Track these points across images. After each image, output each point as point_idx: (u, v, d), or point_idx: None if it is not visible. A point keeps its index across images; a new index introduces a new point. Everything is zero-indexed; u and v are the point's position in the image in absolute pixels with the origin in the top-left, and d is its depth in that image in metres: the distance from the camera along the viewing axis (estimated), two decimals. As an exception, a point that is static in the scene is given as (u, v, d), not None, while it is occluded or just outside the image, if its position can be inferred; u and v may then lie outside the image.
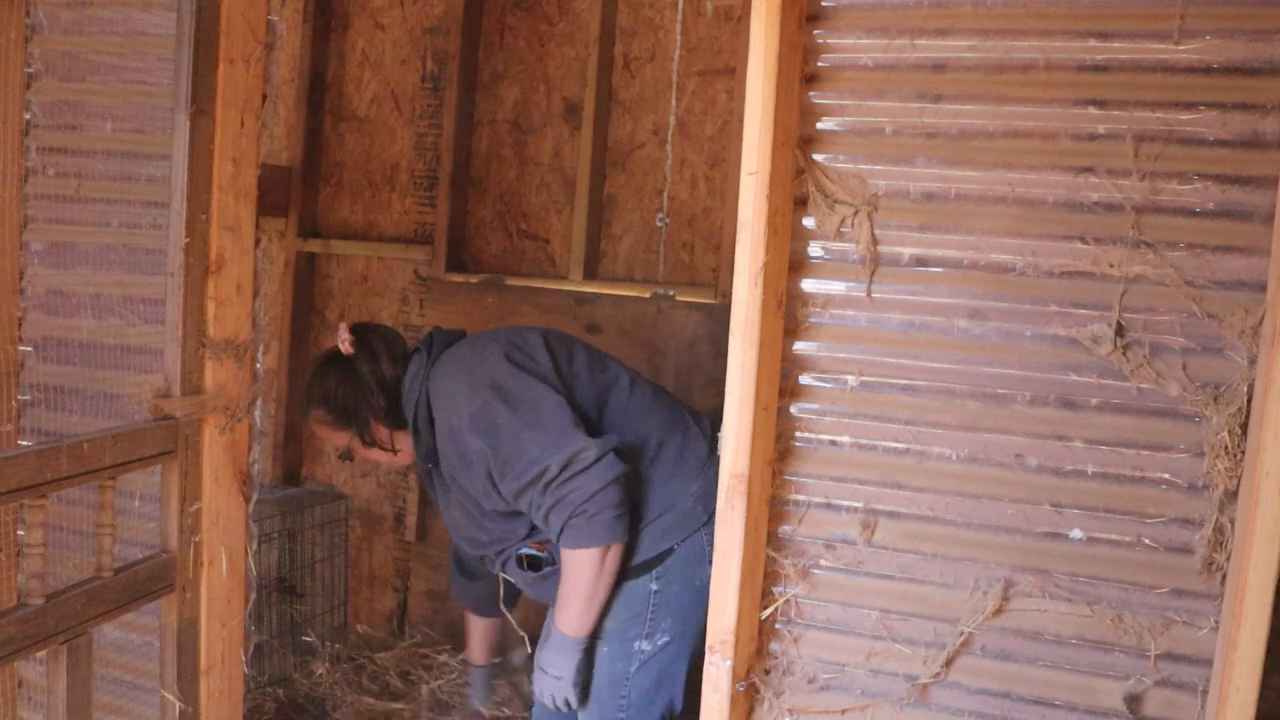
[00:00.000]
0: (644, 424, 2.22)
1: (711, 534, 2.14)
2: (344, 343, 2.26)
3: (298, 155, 3.68)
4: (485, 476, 2.13)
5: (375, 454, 2.33)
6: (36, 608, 1.66)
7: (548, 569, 2.22)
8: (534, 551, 2.22)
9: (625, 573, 2.15)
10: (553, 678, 2.15)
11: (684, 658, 2.14)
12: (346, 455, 2.35)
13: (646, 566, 2.15)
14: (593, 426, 2.17)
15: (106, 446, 1.76)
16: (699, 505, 2.16)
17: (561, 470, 2.02)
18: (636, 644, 2.13)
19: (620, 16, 3.31)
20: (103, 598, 1.78)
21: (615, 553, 2.08)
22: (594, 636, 2.18)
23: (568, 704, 2.16)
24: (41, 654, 1.72)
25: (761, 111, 1.56)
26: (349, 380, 2.25)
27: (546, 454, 2.04)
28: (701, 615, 2.12)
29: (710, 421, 2.32)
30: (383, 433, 2.28)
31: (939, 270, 1.60)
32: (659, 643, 2.13)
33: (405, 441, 2.29)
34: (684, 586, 2.14)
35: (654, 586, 2.14)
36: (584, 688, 2.20)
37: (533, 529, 2.19)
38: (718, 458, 2.19)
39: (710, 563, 2.13)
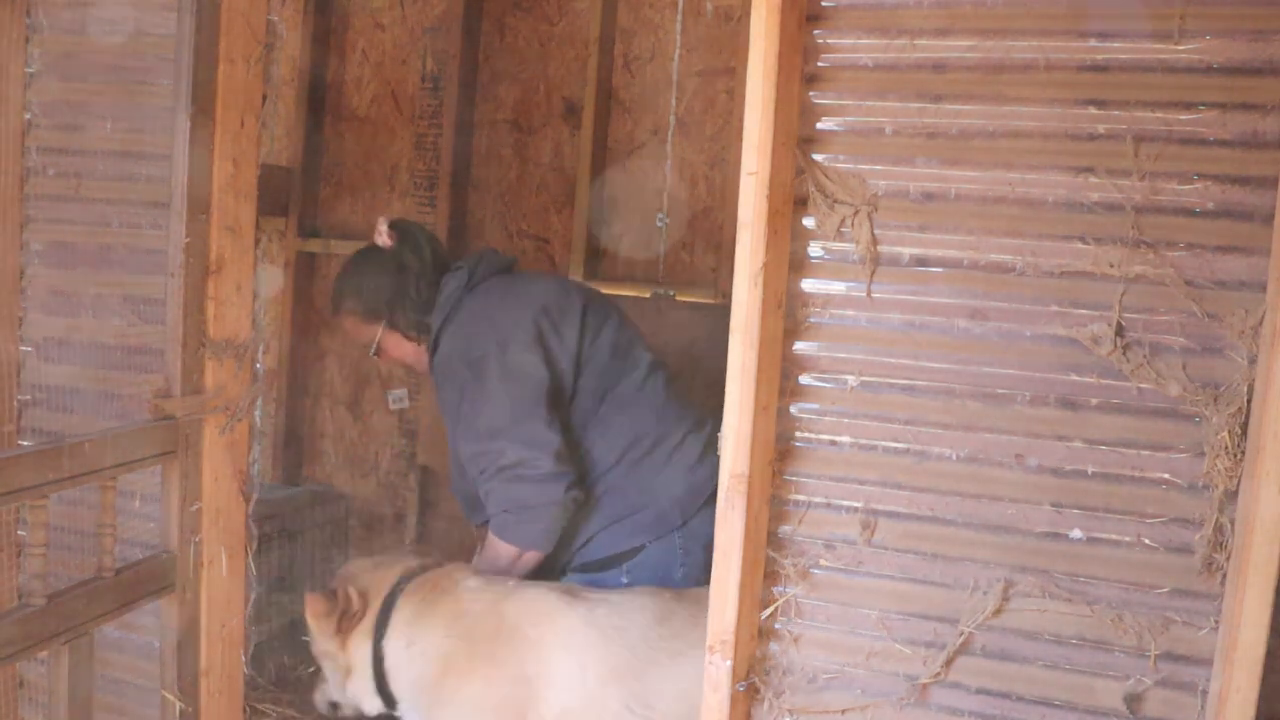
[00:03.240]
0: (644, 417, 2.24)
1: (685, 538, 2.17)
2: (381, 235, 2.28)
3: (298, 155, 3.67)
4: (452, 416, 2.19)
5: (402, 348, 2.34)
6: (38, 608, 1.66)
7: None
8: None
9: (596, 565, 2.19)
10: None
11: None
12: (376, 351, 2.37)
13: (618, 559, 2.19)
14: (582, 420, 2.20)
15: (107, 446, 1.76)
16: (676, 509, 2.17)
17: (515, 464, 2.07)
18: None
19: (620, 16, 3.31)
20: (103, 598, 1.78)
21: (531, 557, 2.16)
22: None
23: None
24: (43, 654, 1.72)
25: (761, 111, 1.56)
26: (386, 271, 2.28)
27: (509, 435, 2.08)
28: None
29: (713, 423, 2.33)
30: (411, 329, 2.30)
31: (939, 270, 1.60)
32: None
33: (425, 349, 2.32)
34: (650, 586, 2.16)
35: (625, 580, 2.17)
36: None
37: None
38: (710, 462, 2.21)
39: (683, 565, 2.16)
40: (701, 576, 2.16)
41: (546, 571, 2.27)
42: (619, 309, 2.42)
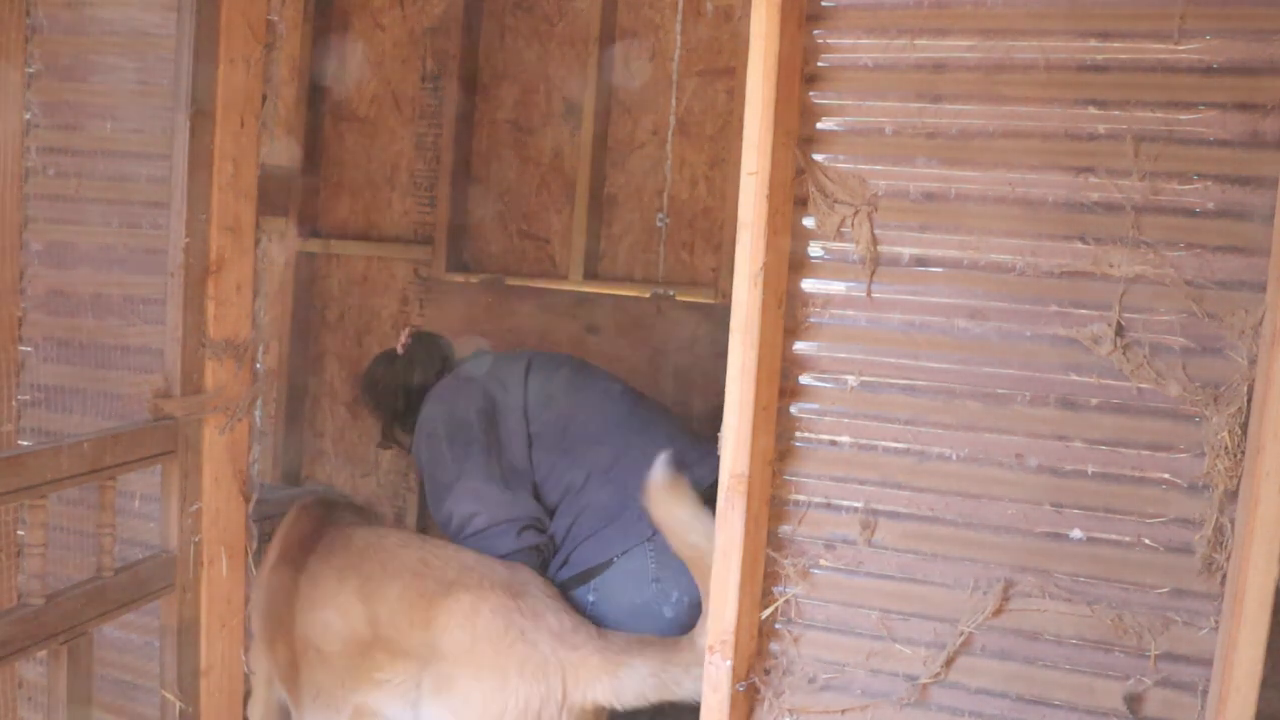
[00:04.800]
0: (608, 436, 2.29)
1: (656, 552, 2.14)
2: (401, 345, 2.55)
3: (298, 155, 3.67)
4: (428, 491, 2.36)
5: (396, 447, 2.64)
6: (37, 608, 1.66)
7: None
8: None
9: (573, 581, 2.18)
10: None
11: None
12: (386, 444, 2.65)
13: (585, 577, 2.18)
14: (530, 475, 2.31)
15: (106, 446, 1.76)
16: (643, 520, 2.16)
17: (460, 526, 2.22)
18: None
19: (620, 16, 3.31)
20: (103, 598, 1.78)
21: None
22: None
23: None
24: (42, 654, 1.72)
25: (761, 111, 1.56)
26: (386, 379, 2.54)
27: (453, 493, 2.24)
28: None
29: (686, 437, 2.32)
30: (401, 434, 2.56)
31: (939, 270, 1.60)
32: None
33: None
34: (620, 605, 2.15)
35: (590, 598, 2.16)
36: None
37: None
38: (686, 474, 2.21)
39: (654, 582, 2.14)
40: (676, 590, 2.12)
41: None
42: (575, 357, 2.60)
